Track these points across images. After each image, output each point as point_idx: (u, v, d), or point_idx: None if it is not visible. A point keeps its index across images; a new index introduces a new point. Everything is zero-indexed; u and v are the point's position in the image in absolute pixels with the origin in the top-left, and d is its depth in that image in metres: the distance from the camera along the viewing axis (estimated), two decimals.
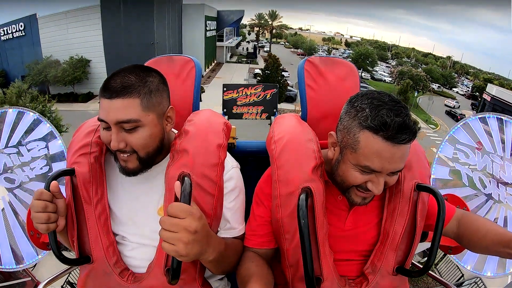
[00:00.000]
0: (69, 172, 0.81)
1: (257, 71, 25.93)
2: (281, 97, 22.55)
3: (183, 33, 27.14)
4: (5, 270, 1.29)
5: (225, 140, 0.88)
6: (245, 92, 1.43)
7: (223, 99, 1.43)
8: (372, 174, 0.72)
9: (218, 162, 0.83)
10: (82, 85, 21.12)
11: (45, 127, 1.38)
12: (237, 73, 32.73)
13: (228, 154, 0.90)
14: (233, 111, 1.44)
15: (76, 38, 20.69)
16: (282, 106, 23.24)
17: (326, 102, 1.04)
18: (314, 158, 0.82)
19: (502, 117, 1.36)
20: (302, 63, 1.09)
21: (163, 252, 0.78)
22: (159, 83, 0.81)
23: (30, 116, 1.37)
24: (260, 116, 1.44)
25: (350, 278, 0.84)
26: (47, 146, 1.36)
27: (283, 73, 24.06)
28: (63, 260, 0.78)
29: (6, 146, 1.33)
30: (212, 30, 31.44)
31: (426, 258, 0.79)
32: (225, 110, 1.44)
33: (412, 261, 0.99)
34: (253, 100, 1.43)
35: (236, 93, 1.43)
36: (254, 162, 1.28)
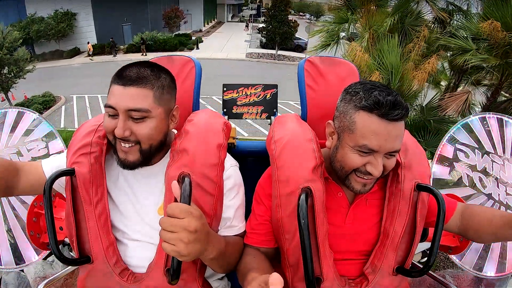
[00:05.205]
0: (69, 172, 0.81)
1: (262, 25, 22.89)
2: (289, 40, 19.95)
3: None
4: (5, 270, 1.29)
5: (225, 140, 0.89)
6: (245, 92, 1.43)
7: (223, 99, 1.43)
8: (371, 155, 0.74)
9: (218, 162, 0.83)
10: (67, 41, 19.76)
11: (45, 127, 1.38)
12: (239, 30, 30.84)
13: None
14: (233, 111, 1.44)
15: None
16: (290, 53, 20.05)
17: (326, 102, 1.04)
18: (314, 158, 0.82)
19: (502, 117, 1.36)
20: (302, 63, 1.09)
21: (163, 252, 0.78)
22: (170, 82, 0.85)
23: (30, 116, 1.37)
24: (260, 116, 1.45)
25: (350, 278, 0.84)
26: (47, 146, 1.36)
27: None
28: (63, 260, 0.78)
29: (6, 146, 1.33)
30: None
31: (426, 258, 0.79)
32: (225, 110, 1.44)
33: (412, 261, 0.98)
34: (253, 100, 1.43)
35: (236, 93, 1.43)
36: (254, 162, 1.28)
